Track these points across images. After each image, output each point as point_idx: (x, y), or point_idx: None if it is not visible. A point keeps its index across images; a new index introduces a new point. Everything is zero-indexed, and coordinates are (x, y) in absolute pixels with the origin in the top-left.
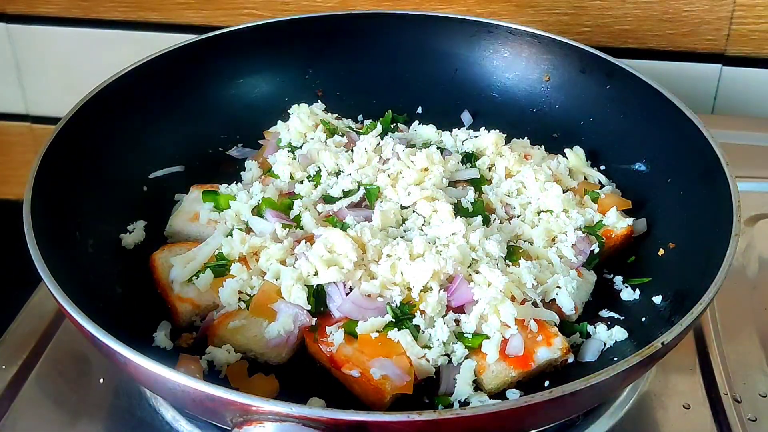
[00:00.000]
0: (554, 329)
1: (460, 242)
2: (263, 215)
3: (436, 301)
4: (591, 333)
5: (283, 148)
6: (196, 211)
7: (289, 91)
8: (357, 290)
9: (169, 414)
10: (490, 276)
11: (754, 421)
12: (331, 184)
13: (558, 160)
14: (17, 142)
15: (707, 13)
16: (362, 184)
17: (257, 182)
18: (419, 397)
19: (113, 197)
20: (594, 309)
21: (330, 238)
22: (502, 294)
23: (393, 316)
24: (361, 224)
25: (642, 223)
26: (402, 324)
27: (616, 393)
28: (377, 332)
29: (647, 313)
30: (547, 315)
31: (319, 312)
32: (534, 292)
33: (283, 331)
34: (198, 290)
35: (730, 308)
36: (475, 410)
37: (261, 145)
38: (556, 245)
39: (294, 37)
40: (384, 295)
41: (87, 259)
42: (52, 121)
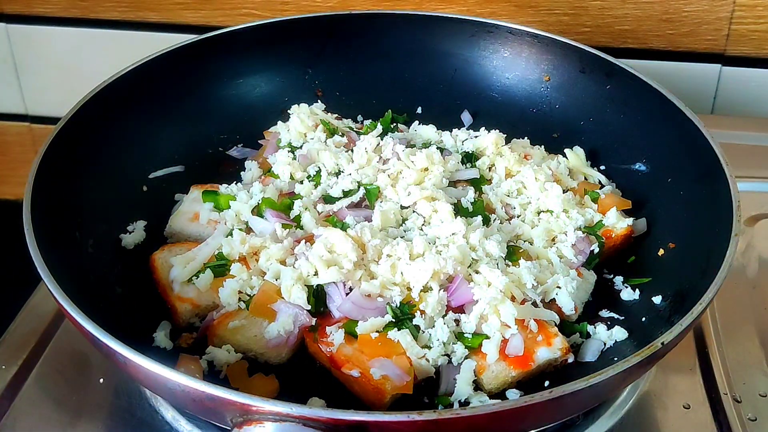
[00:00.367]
0: (554, 329)
1: (460, 242)
2: (263, 215)
3: (436, 301)
4: (591, 333)
5: (283, 148)
6: (196, 211)
7: (289, 91)
8: (357, 290)
9: (169, 414)
10: (490, 276)
11: (754, 421)
12: (331, 184)
13: (558, 160)
14: (16, 142)
15: (707, 13)
16: (362, 184)
17: (257, 182)
18: (419, 397)
19: (113, 197)
20: (594, 309)
21: (330, 238)
22: (502, 294)
23: (393, 316)
24: (361, 224)
25: (642, 223)
26: (402, 324)
27: (616, 393)
28: (377, 332)
29: (647, 313)
30: (547, 315)
31: (319, 312)
32: (534, 292)
33: (283, 331)
34: (198, 290)
35: (730, 308)
36: (475, 410)
37: (261, 145)
38: (556, 245)
39: (294, 37)
40: (384, 295)
41: (87, 259)
42: (51, 121)
